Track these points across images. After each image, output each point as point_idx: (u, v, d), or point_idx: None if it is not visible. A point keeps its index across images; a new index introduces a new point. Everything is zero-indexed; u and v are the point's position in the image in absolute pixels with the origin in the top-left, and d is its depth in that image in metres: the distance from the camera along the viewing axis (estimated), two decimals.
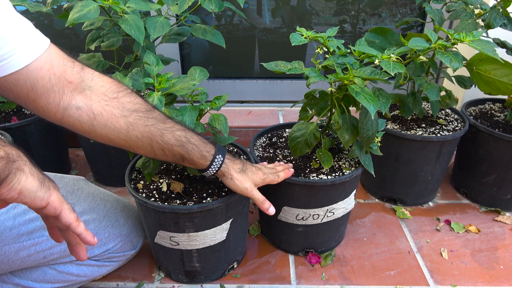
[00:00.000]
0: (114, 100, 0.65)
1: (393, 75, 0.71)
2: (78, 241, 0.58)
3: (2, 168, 0.45)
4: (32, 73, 0.57)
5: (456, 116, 1.18)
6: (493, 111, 1.23)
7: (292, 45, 0.79)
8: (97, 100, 0.64)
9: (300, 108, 0.95)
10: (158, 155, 0.71)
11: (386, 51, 0.77)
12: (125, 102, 0.66)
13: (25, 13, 1.50)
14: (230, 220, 0.84)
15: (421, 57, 0.89)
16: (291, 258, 1.00)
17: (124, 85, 0.68)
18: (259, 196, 0.79)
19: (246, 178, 0.77)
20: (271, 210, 0.80)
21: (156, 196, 0.82)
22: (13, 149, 0.48)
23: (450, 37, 0.83)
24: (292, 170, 0.86)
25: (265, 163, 0.89)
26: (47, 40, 0.60)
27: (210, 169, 0.74)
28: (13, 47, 0.55)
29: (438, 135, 1.06)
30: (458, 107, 1.39)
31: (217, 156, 0.74)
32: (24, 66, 0.56)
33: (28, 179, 0.48)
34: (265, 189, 0.95)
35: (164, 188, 0.84)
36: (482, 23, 0.99)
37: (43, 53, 0.58)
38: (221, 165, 0.75)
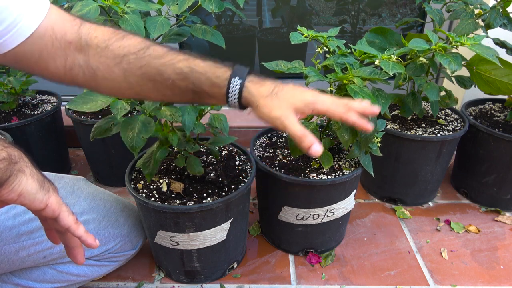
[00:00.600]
0: (105, 49, 0.60)
1: (392, 75, 0.71)
2: (77, 243, 0.58)
3: (4, 169, 0.46)
4: (37, 42, 0.56)
5: (456, 116, 1.18)
6: (493, 111, 1.23)
7: (292, 43, 0.80)
8: (92, 54, 0.60)
9: None
10: (170, 96, 0.62)
11: (386, 51, 0.77)
12: (115, 49, 0.60)
13: None
14: (230, 220, 0.84)
15: (421, 58, 0.89)
16: (291, 258, 1.00)
17: (119, 31, 0.61)
18: (295, 129, 0.54)
19: (277, 103, 0.56)
20: (315, 149, 0.53)
21: (156, 196, 0.83)
22: (15, 150, 0.48)
23: (451, 40, 0.83)
24: (370, 127, 0.57)
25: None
26: (47, 3, 0.58)
27: (230, 99, 0.58)
28: (19, 13, 0.53)
29: (438, 135, 1.06)
30: (458, 107, 1.39)
31: (233, 80, 0.58)
32: (31, 34, 0.55)
33: (28, 181, 0.48)
34: (265, 188, 0.96)
35: (164, 188, 0.84)
36: (482, 23, 0.99)
37: (45, 20, 0.56)
38: (240, 89, 0.57)
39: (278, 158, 0.96)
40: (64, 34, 0.59)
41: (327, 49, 0.82)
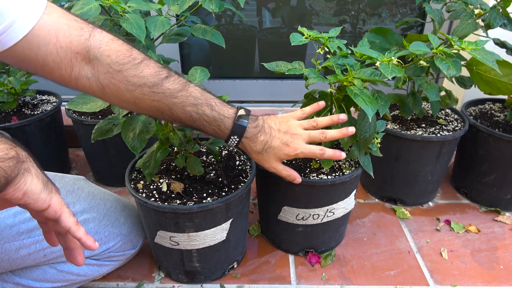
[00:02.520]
0: (118, 73, 0.62)
1: (390, 78, 0.71)
2: (76, 246, 0.58)
3: (12, 168, 0.46)
4: (35, 45, 0.56)
5: (456, 116, 1.18)
6: (493, 111, 1.23)
7: (292, 45, 0.79)
8: (103, 72, 0.61)
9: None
10: (174, 122, 0.71)
11: (386, 53, 0.77)
12: (129, 76, 0.62)
13: None
14: (230, 220, 0.84)
15: (421, 61, 0.89)
16: (291, 258, 1.00)
17: (133, 52, 0.63)
18: (282, 173, 0.73)
19: (267, 158, 0.72)
20: (297, 180, 0.75)
21: (156, 196, 0.83)
22: (22, 150, 0.49)
23: (452, 44, 0.82)
24: (352, 130, 0.73)
25: (304, 110, 0.76)
26: (43, 3, 0.57)
27: (228, 143, 0.72)
28: (15, 13, 0.53)
29: (438, 135, 1.06)
30: (458, 107, 1.39)
31: (232, 138, 0.69)
32: (25, 34, 0.55)
33: (33, 180, 0.49)
34: (265, 189, 0.96)
35: (164, 188, 0.84)
36: (482, 23, 1.00)
37: (46, 23, 0.56)
38: (237, 144, 0.70)
39: None
40: (69, 43, 0.58)
41: (327, 50, 0.82)
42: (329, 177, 0.88)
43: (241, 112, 0.70)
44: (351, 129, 0.73)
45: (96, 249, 0.58)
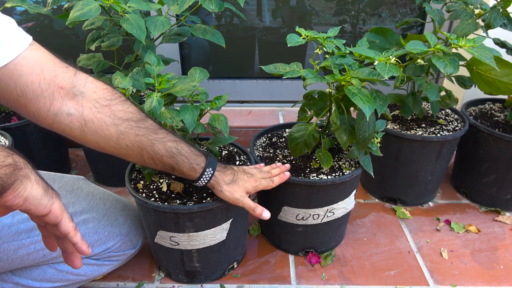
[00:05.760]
0: (106, 107, 0.64)
1: (387, 78, 0.71)
2: (74, 249, 0.59)
3: (9, 174, 0.46)
4: (22, 77, 0.57)
5: (456, 116, 1.18)
6: (493, 111, 1.23)
7: (288, 46, 0.79)
8: (89, 107, 0.63)
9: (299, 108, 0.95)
10: (148, 163, 0.71)
11: (384, 53, 0.77)
12: (117, 110, 0.65)
13: (25, 14, 1.50)
14: (230, 220, 0.84)
15: (419, 60, 0.89)
16: (291, 258, 1.00)
17: (118, 92, 0.67)
18: (250, 204, 0.78)
19: (237, 188, 0.77)
20: (265, 215, 0.78)
21: (156, 196, 0.83)
22: (20, 157, 0.50)
23: (450, 41, 0.82)
24: (288, 174, 0.84)
25: (262, 164, 0.88)
26: (30, 38, 0.61)
27: (200, 181, 0.75)
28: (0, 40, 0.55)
29: (438, 135, 1.06)
30: (458, 107, 1.39)
31: (207, 170, 0.74)
32: (10, 61, 0.56)
33: (34, 186, 0.50)
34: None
35: (164, 188, 0.84)
36: (482, 23, 0.99)
37: (32, 56, 0.58)
38: (210, 178, 0.75)
39: (278, 158, 0.96)
40: (54, 77, 0.60)
41: (326, 50, 0.82)
42: (329, 177, 0.88)
43: (211, 154, 0.81)
44: (287, 174, 0.84)
45: (88, 254, 0.58)
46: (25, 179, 0.49)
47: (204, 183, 0.75)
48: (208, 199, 0.81)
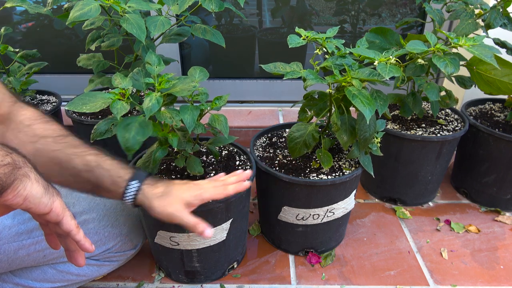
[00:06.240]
0: (27, 127, 0.66)
1: (388, 78, 0.71)
2: (77, 247, 0.59)
3: (8, 174, 0.46)
4: None
5: (456, 116, 1.18)
6: (493, 111, 1.23)
7: (290, 47, 0.79)
8: (12, 128, 0.65)
9: (300, 108, 0.95)
10: (72, 183, 0.68)
11: (384, 53, 0.77)
12: (37, 129, 0.66)
13: (25, 14, 1.50)
14: (230, 220, 0.84)
15: (419, 60, 0.89)
16: (291, 258, 1.00)
17: (46, 116, 0.68)
18: (188, 220, 0.65)
19: (171, 201, 0.65)
20: (207, 233, 0.65)
21: None
22: (19, 156, 0.50)
23: (450, 41, 0.83)
24: (247, 184, 0.72)
25: (221, 174, 0.78)
26: None
27: (126, 197, 0.66)
28: None
29: (438, 135, 1.06)
30: (458, 107, 1.39)
31: (131, 183, 0.66)
32: None
33: (33, 185, 0.49)
34: (265, 189, 0.95)
35: None
36: (482, 23, 0.99)
37: None
38: (137, 192, 0.66)
39: (278, 158, 0.96)
40: None
41: (326, 50, 0.82)
42: (329, 177, 0.88)
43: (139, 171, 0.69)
44: (246, 183, 0.73)
45: (92, 251, 0.58)
46: (25, 178, 0.48)
47: (130, 200, 0.66)
48: None
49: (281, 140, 1.04)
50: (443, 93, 1.06)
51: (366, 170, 0.88)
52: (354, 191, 0.94)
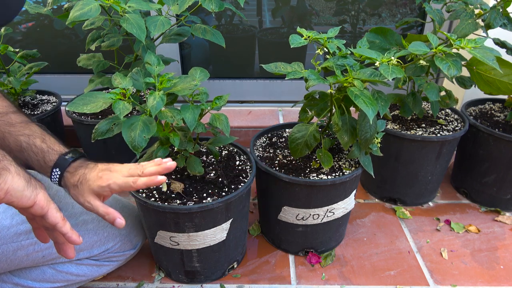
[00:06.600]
0: None
1: (390, 79, 0.71)
2: (65, 239, 0.59)
3: None
4: None
5: (456, 116, 1.18)
6: (493, 111, 1.23)
7: (291, 47, 0.79)
8: None
9: (300, 108, 0.95)
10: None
11: (386, 53, 0.77)
12: None
13: (25, 14, 1.50)
14: (230, 220, 0.84)
15: (421, 61, 0.89)
16: (291, 258, 1.00)
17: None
18: (98, 210, 0.63)
19: (82, 191, 0.64)
20: (118, 223, 0.63)
21: (156, 196, 0.83)
22: None
23: (452, 43, 0.82)
24: (160, 178, 0.63)
25: (131, 164, 0.68)
26: None
27: (54, 182, 0.65)
28: None
29: (438, 135, 1.06)
30: (458, 107, 1.39)
31: (54, 170, 0.65)
32: None
33: (14, 178, 0.49)
34: (265, 189, 0.96)
35: (164, 188, 0.84)
36: (482, 23, 0.99)
37: None
38: (59, 179, 0.65)
39: (278, 158, 0.96)
40: None
41: (327, 50, 0.82)
42: (329, 177, 0.88)
43: (75, 153, 0.67)
44: (160, 178, 0.63)
45: (80, 243, 0.58)
46: (4, 171, 0.48)
47: (57, 185, 0.66)
48: (208, 199, 0.81)
49: (281, 140, 1.04)
50: (443, 93, 1.06)
51: (366, 170, 0.88)
52: (354, 191, 0.94)
